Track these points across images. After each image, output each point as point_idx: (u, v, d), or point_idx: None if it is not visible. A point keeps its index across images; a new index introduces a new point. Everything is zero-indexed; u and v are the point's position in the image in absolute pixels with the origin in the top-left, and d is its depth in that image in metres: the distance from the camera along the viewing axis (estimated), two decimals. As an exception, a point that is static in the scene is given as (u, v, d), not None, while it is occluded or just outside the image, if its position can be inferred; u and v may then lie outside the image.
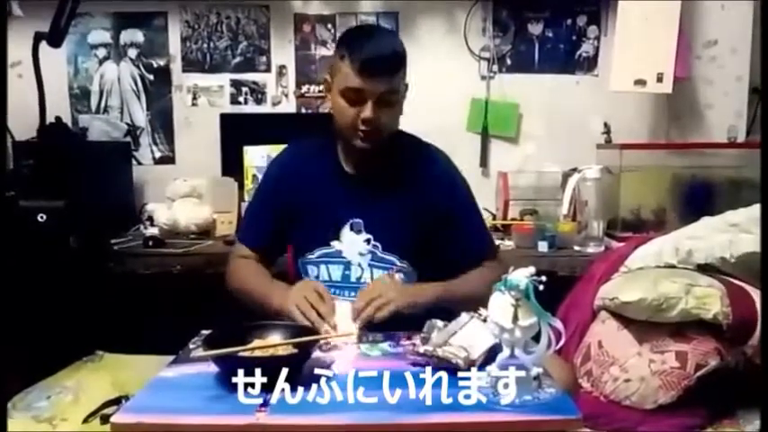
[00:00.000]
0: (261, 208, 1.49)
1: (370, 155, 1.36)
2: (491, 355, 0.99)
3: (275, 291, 1.33)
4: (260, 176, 2.32)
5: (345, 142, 1.37)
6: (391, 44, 1.31)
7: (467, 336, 1.03)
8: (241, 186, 2.40)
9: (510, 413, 0.85)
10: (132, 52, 2.69)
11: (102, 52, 2.69)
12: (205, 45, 2.69)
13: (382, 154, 1.38)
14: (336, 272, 1.41)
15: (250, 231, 1.49)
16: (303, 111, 2.70)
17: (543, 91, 2.64)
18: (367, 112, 1.27)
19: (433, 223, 1.39)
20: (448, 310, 1.14)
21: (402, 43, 1.37)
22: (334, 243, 1.40)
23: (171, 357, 1.11)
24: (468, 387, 0.92)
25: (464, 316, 1.06)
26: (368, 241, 1.38)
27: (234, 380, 0.95)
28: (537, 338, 0.90)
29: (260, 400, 0.90)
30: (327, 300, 1.23)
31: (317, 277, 1.41)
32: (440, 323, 1.09)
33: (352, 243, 1.39)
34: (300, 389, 0.94)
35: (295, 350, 1.01)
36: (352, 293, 1.36)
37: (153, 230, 2.28)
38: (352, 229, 1.39)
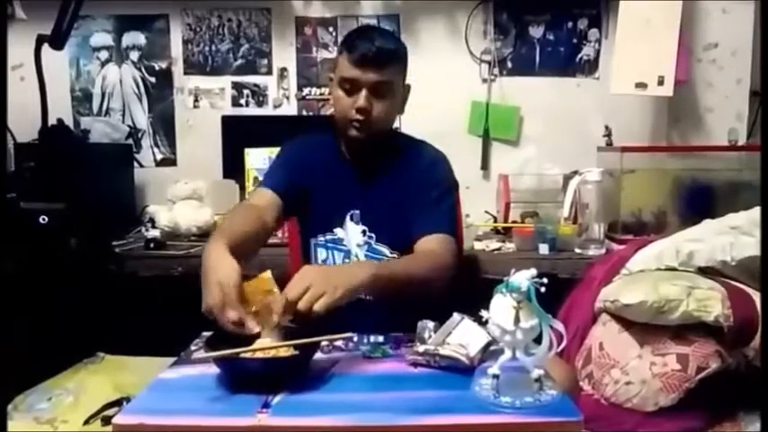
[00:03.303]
0: (281, 165, 1.53)
1: (366, 147, 1.42)
2: (486, 351, 1.02)
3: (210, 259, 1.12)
4: (261, 178, 2.34)
5: (343, 135, 1.43)
6: (386, 40, 1.39)
7: (461, 334, 1.05)
8: (242, 188, 2.41)
9: (511, 415, 0.86)
10: (134, 55, 2.70)
11: (104, 55, 2.70)
12: (207, 48, 2.69)
13: (380, 149, 1.44)
14: (339, 259, 1.48)
15: (270, 177, 1.50)
16: (304, 113, 2.70)
17: (544, 94, 2.64)
18: (361, 100, 1.35)
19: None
20: (438, 310, 1.14)
21: (400, 42, 1.48)
22: (338, 230, 1.47)
23: (172, 359, 1.11)
24: (469, 388, 0.93)
25: (456, 316, 1.08)
26: (363, 232, 1.45)
27: (235, 381, 0.96)
28: (538, 340, 0.90)
29: (262, 402, 0.90)
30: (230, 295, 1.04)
31: (326, 260, 1.49)
32: (430, 324, 1.11)
33: (352, 233, 1.46)
34: (302, 390, 0.94)
35: (297, 351, 1.02)
36: None
37: (154, 232, 2.28)
38: (352, 219, 1.46)
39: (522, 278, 0.88)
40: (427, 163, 1.48)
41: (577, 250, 2.11)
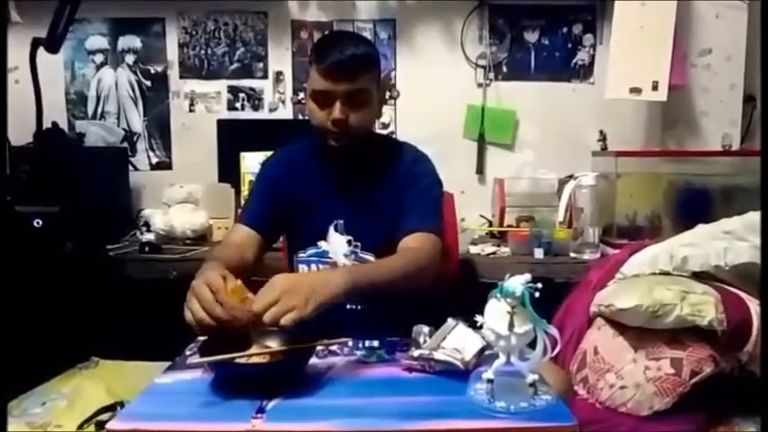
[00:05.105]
0: (258, 195, 1.50)
1: (346, 155, 1.39)
2: (481, 356, 1.03)
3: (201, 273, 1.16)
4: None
5: (323, 144, 1.39)
6: (354, 47, 1.33)
7: (456, 339, 1.05)
8: (238, 192, 2.41)
9: (505, 420, 0.86)
10: (130, 58, 2.70)
11: (99, 58, 2.70)
12: (202, 51, 2.69)
13: (361, 156, 1.41)
14: None
15: (247, 211, 1.48)
16: (300, 117, 2.70)
17: (539, 98, 2.65)
18: (335, 112, 1.31)
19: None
20: (434, 315, 1.14)
21: (371, 45, 1.43)
22: (322, 243, 1.43)
23: (167, 363, 1.11)
24: (464, 393, 0.93)
25: (450, 321, 1.09)
26: (349, 242, 1.41)
27: (230, 386, 0.96)
28: (533, 345, 0.90)
29: (256, 407, 0.90)
30: (220, 289, 1.06)
31: None
32: (425, 328, 1.11)
33: (337, 244, 1.42)
34: (297, 395, 0.94)
35: (292, 356, 1.01)
36: None
37: (149, 236, 2.28)
38: (336, 230, 1.42)
39: (517, 283, 0.89)
40: (408, 163, 1.45)
41: (572, 254, 2.11)
